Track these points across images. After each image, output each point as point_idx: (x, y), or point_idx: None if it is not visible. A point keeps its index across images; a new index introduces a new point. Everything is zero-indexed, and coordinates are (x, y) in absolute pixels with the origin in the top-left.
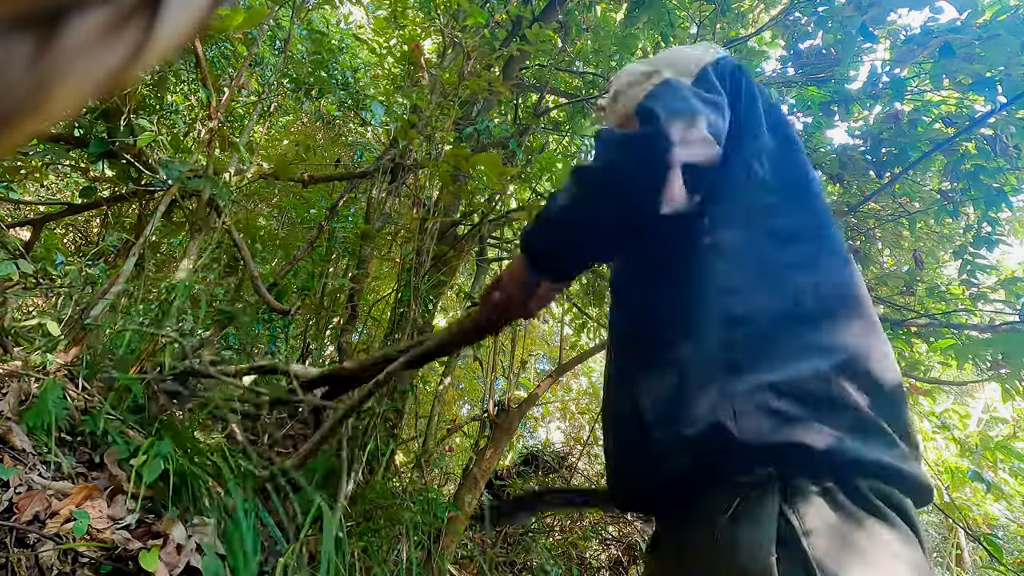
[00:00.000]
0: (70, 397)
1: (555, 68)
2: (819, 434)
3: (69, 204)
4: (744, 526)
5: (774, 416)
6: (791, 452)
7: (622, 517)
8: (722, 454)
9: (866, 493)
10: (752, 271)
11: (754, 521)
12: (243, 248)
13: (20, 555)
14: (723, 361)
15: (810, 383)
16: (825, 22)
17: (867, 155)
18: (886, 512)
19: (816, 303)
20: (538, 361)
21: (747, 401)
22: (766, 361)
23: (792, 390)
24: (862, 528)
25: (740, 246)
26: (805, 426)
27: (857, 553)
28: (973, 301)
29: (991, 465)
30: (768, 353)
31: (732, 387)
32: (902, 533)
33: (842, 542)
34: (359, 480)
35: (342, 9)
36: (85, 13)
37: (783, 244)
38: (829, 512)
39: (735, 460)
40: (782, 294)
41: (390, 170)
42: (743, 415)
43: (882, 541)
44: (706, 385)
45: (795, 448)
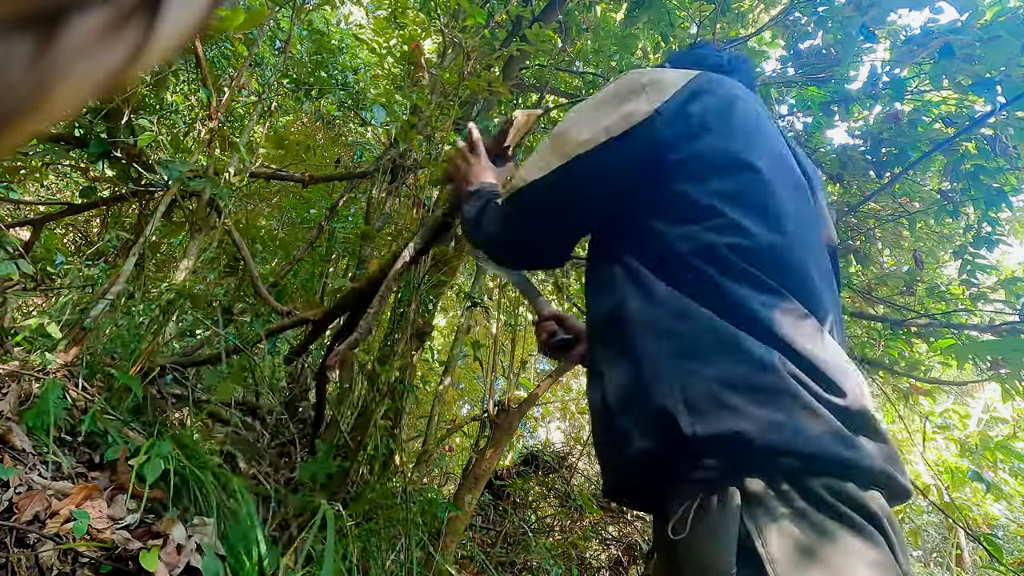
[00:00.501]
0: (70, 397)
1: (555, 68)
2: (766, 424)
3: (69, 204)
4: (704, 535)
5: (720, 406)
6: (738, 444)
7: (622, 517)
8: (672, 443)
9: (825, 496)
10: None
11: (713, 532)
12: (243, 248)
13: (20, 555)
14: (673, 350)
15: (755, 376)
16: (825, 22)
17: (867, 155)
18: (849, 516)
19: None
20: (538, 361)
21: (694, 390)
22: (712, 353)
23: (737, 382)
24: (824, 537)
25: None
26: (750, 417)
27: (820, 565)
28: (973, 301)
29: (991, 465)
30: (713, 345)
31: (681, 376)
32: (867, 538)
33: (804, 554)
34: (359, 480)
35: (342, 9)
36: (85, 13)
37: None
38: (789, 522)
39: (684, 450)
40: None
41: (390, 170)
42: (691, 404)
43: (846, 551)
44: (658, 373)
45: (741, 439)
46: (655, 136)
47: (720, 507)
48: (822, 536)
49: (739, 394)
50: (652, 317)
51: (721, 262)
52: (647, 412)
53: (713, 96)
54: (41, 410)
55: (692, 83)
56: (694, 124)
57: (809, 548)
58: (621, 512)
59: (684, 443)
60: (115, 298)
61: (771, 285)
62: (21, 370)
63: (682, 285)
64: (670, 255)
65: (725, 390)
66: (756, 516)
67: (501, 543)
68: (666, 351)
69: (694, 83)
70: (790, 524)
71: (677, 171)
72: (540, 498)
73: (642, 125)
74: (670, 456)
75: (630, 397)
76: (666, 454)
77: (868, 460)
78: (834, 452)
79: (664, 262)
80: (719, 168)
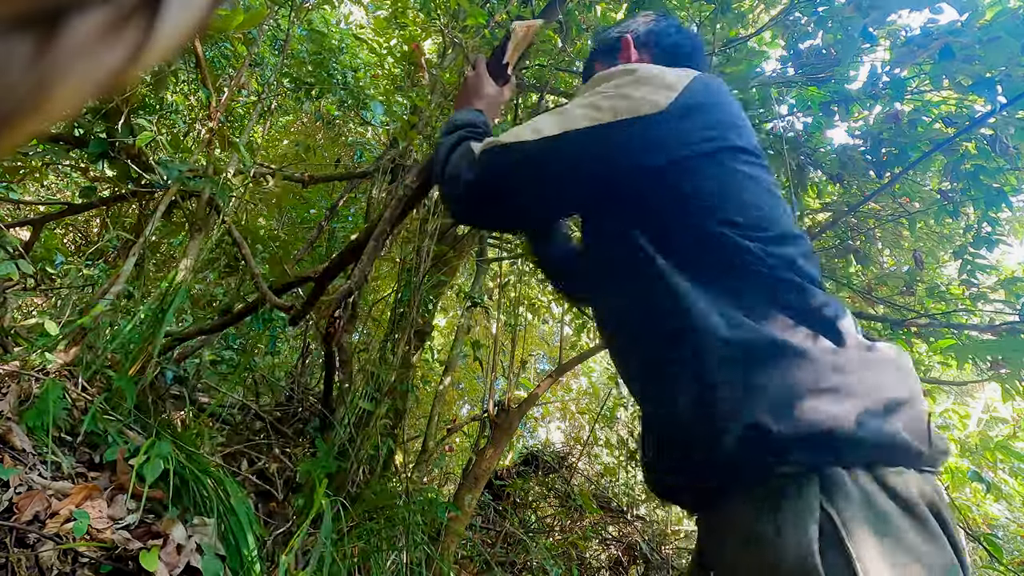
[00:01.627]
0: (70, 397)
1: (555, 68)
2: (844, 419)
3: (69, 204)
4: (786, 524)
5: (801, 407)
6: (823, 440)
7: (622, 517)
8: (760, 448)
9: (898, 489)
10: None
11: (796, 518)
12: (244, 247)
13: (20, 555)
14: (743, 367)
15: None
16: (825, 22)
17: (867, 155)
18: (917, 508)
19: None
20: (538, 361)
21: (773, 396)
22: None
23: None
24: (894, 526)
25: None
26: (830, 413)
27: (899, 548)
28: (973, 301)
29: (991, 465)
30: (773, 352)
31: (758, 388)
32: (929, 530)
33: (879, 542)
34: (359, 480)
35: (342, 9)
36: (85, 13)
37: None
38: (865, 509)
39: (771, 452)
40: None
41: (390, 170)
42: (774, 409)
43: (912, 543)
44: (732, 397)
45: (827, 435)
46: (668, 126)
47: (797, 494)
48: (896, 529)
49: (815, 393)
50: (707, 339)
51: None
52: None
53: (719, 94)
54: (41, 410)
55: (695, 82)
56: (709, 118)
57: (886, 542)
58: (621, 512)
59: (773, 445)
60: (115, 298)
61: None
62: (21, 370)
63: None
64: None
65: (800, 392)
66: (837, 504)
67: (501, 543)
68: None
69: (698, 82)
70: (865, 509)
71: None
72: (540, 498)
73: (652, 115)
74: (757, 460)
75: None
76: (753, 459)
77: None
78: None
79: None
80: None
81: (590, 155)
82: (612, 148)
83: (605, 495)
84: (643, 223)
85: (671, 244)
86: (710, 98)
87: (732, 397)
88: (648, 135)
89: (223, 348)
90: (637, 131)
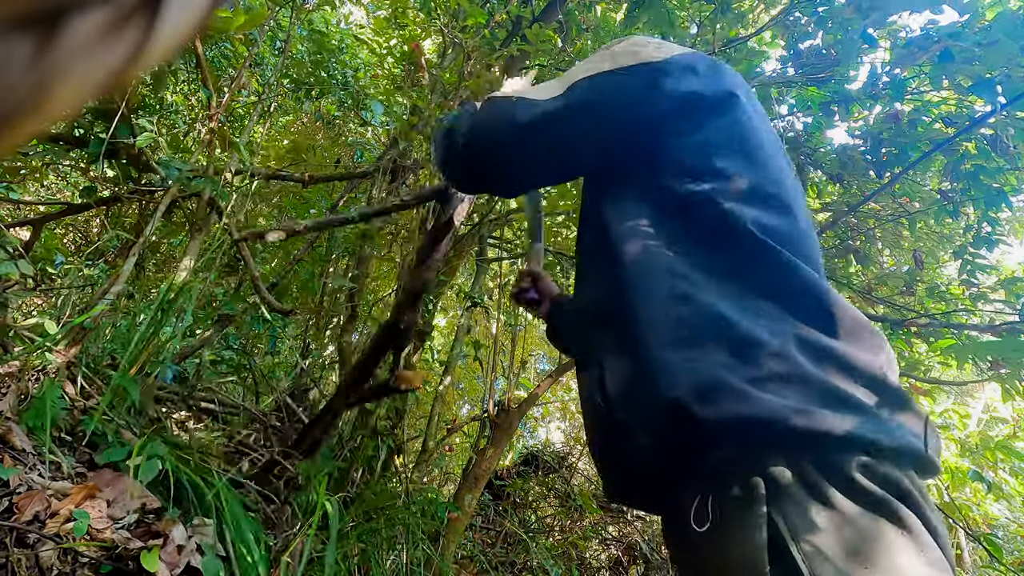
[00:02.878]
0: (69, 397)
1: (555, 68)
2: (785, 409)
3: (69, 204)
4: (730, 530)
5: (732, 393)
6: (757, 430)
7: (622, 517)
8: (682, 433)
9: (858, 479)
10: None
11: (739, 525)
12: (244, 249)
13: (20, 555)
14: (677, 338)
15: (765, 360)
16: (825, 22)
17: (867, 155)
18: (884, 501)
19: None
20: (538, 361)
21: (703, 377)
22: (715, 339)
23: (750, 369)
24: (859, 530)
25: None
26: (767, 402)
27: (858, 562)
28: (973, 301)
29: (991, 465)
30: (717, 331)
31: (686, 363)
32: (905, 528)
33: (840, 551)
34: (359, 480)
35: (342, 9)
36: (85, 13)
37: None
38: (820, 515)
39: (697, 441)
40: (725, 277)
41: (390, 170)
42: (701, 391)
43: (885, 544)
44: (660, 362)
45: (761, 425)
46: (667, 79)
47: (744, 498)
48: (857, 529)
49: (750, 381)
50: (652, 302)
51: (755, 228)
52: (655, 406)
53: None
54: (41, 410)
55: (693, 52)
56: (703, 84)
57: (845, 544)
58: (621, 512)
59: (696, 431)
60: (115, 298)
61: (804, 231)
62: (21, 370)
63: (702, 239)
64: (689, 203)
65: (732, 377)
66: (784, 508)
67: (501, 543)
68: (669, 339)
69: (695, 53)
70: (822, 517)
71: (688, 116)
72: (540, 498)
73: (651, 64)
74: (681, 448)
75: (631, 391)
76: (676, 446)
77: (916, 445)
78: (861, 433)
79: (680, 214)
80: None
81: (601, 101)
82: (623, 88)
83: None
84: (623, 181)
85: (650, 202)
86: (709, 62)
87: (664, 372)
88: (652, 77)
89: (223, 348)
90: (644, 72)
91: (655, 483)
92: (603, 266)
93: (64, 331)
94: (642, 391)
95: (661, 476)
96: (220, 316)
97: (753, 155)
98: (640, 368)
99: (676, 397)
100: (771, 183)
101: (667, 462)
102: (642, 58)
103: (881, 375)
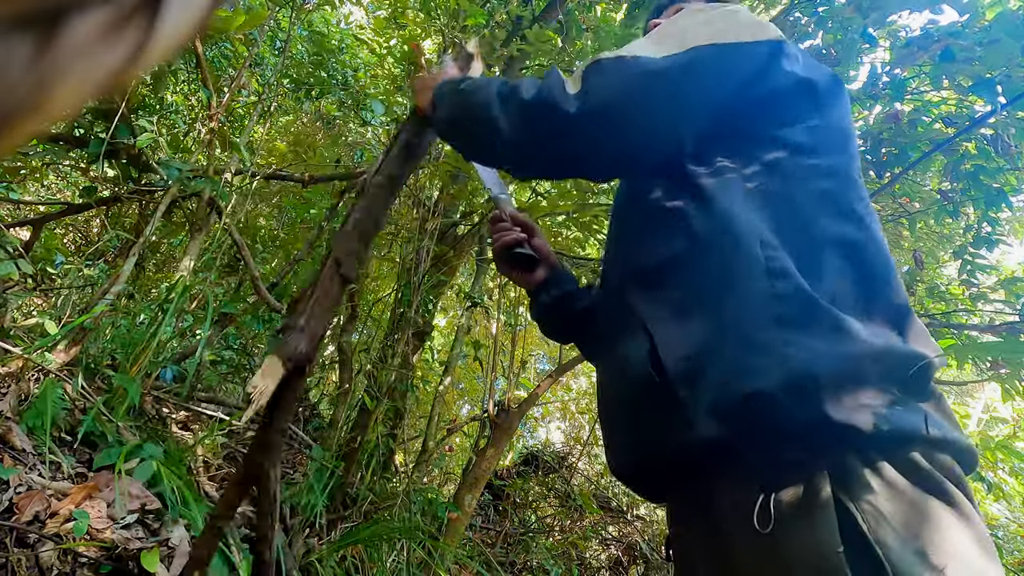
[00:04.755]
0: (69, 397)
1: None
2: (873, 416)
3: (69, 204)
4: (799, 519)
5: (827, 390)
6: (843, 435)
7: (622, 517)
8: (760, 427)
9: (921, 464)
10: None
11: (808, 512)
12: (243, 248)
13: (20, 555)
14: (772, 315)
15: (861, 361)
16: (825, 22)
17: (867, 155)
18: (943, 487)
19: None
20: (538, 361)
21: (799, 367)
22: (814, 326)
23: (845, 365)
24: (924, 514)
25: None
26: (859, 408)
27: (929, 546)
28: (973, 301)
29: (991, 465)
30: (816, 315)
31: (784, 346)
32: (963, 511)
33: (910, 534)
34: (359, 480)
35: (342, 9)
36: (85, 13)
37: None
38: (888, 500)
39: (773, 436)
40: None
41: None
42: (794, 384)
43: (947, 528)
44: (750, 341)
45: (848, 429)
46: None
47: (810, 491)
48: (922, 514)
49: (847, 378)
50: (746, 268)
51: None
52: (733, 391)
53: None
54: (40, 410)
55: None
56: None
57: (913, 528)
58: (621, 512)
59: (776, 429)
60: (115, 298)
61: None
62: (21, 370)
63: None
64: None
65: (830, 371)
66: (855, 495)
67: (501, 543)
68: (765, 314)
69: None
70: (889, 502)
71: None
72: (540, 498)
73: (775, 44)
74: (747, 443)
75: (703, 367)
76: (743, 441)
77: (967, 441)
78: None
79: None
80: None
81: (722, 71)
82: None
83: (605, 495)
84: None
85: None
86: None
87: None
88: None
89: (223, 348)
90: (770, 50)
91: (687, 473)
92: (669, 224)
93: (64, 331)
94: (720, 368)
95: (700, 465)
96: (220, 316)
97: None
98: (721, 340)
99: (764, 387)
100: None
101: (721, 451)
102: (771, 34)
103: (932, 371)
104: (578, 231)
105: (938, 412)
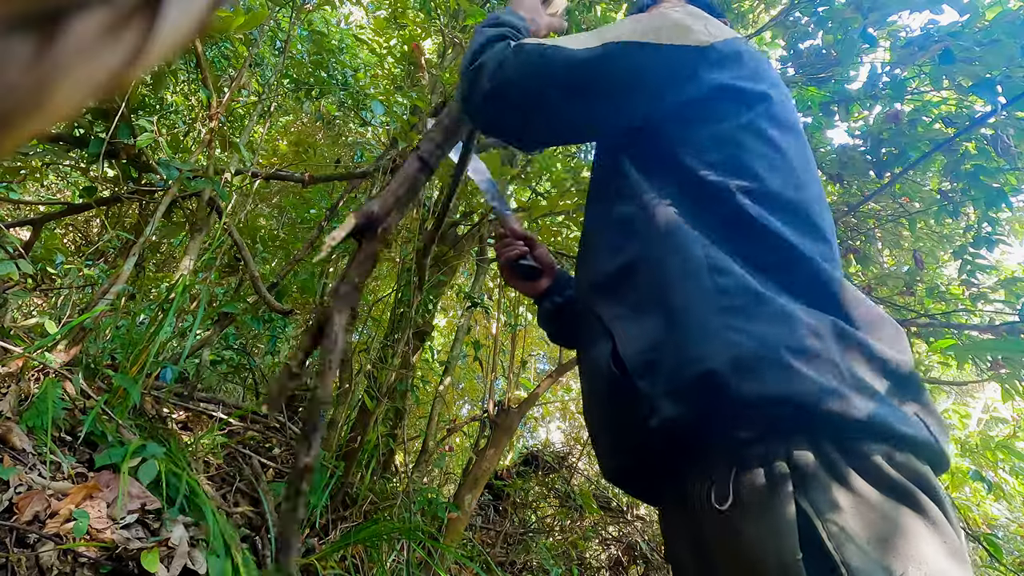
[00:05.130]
0: (69, 397)
1: None
2: (820, 389)
3: (69, 204)
4: (755, 515)
5: (771, 367)
6: (792, 410)
7: (622, 517)
8: (714, 406)
9: (883, 466)
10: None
11: (765, 510)
12: (243, 248)
13: (20, 555)
14: (717, 307)
15: (806, 336)
16: (825, 22)
17: (867, 155)
18: (907, 490)
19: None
20: (538, 361)
21: (744, 348)
22: (758, 312)
23: (788, 343)
24: (885, 518)
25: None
26: (806, 380)
27: (888, 551)
28: (973, 301)
29: (991, 465)
30: (758, 303)
31: (727, 330)
32: (927, 517)
33: (869, 538)
34: (359, 480)
35: (342, 9)
36: (85, 13)
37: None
38: (847, 501)
39: (727, 413)
40: (766, 253)
41: (390, 170)
42: (740, 364)
43: (911, 534)
44: (698, 326)
45: (796, 402)
46: (710, 67)
47: (767, 481)
48: (881, 515)
49: (792, 356)
50: (690, 268)
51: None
52: (685, 374)
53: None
54: (41, 410)
55: (741, 40)
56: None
57: (869, 528)
58: (621, 512)
59: (728, 407)
60: (115, 298)
61: (824, 235)
62: (21, 370)
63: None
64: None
65: (775, 350)
66: (809, 491)
67: (501, 543)
68: (710, 306)
69: (743, 42)
70: (846, 500)
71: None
72: (540, 498)
73: (699, 49)
74: (705, 423)
75: (658, 358)
76: (701, 420)
77: (940, 444)
78: (888, 422)
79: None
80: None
81: (633, 70)
82: (660, 66)
83: (605, 495)
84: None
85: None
86: (754, 55)
87: (703, 338)
88: (692, 62)
89: (223, 348)
90: (687, 56)
91: (664, 464)
92: (623, 233)
93: (64, 331)
94: (673, 357)
95: (672, 456)
96: (220, 316)
97: (774, 157)
98: (672, 333)
99: (713, 367)
100: (792, 188)
101: (684, 439)
102: (691, 39)
103: (900, 367)
104: (578, 231)
105: (907, 406)
